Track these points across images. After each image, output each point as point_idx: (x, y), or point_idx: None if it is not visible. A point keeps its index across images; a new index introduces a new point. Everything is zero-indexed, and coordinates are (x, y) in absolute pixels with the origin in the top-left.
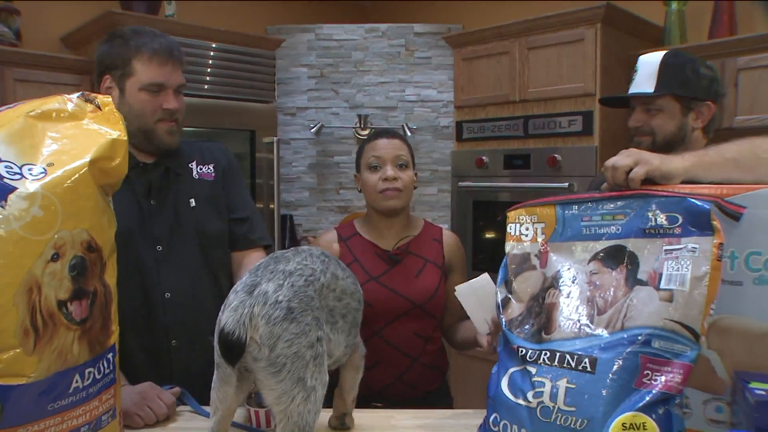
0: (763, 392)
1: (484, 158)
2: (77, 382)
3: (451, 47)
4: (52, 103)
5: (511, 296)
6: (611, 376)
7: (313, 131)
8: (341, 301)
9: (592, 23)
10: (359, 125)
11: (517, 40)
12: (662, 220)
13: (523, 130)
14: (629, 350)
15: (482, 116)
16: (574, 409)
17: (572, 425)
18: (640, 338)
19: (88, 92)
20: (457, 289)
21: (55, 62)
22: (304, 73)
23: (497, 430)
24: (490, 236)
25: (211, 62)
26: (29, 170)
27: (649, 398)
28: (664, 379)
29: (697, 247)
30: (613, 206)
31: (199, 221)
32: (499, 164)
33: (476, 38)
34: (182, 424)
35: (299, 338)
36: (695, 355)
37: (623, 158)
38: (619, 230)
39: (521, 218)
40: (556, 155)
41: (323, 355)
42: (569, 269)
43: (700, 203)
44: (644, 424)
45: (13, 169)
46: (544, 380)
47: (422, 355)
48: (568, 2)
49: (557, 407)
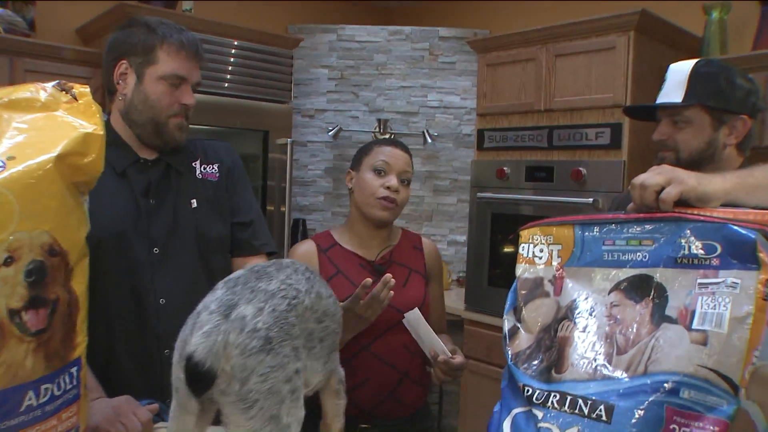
0: None
1: (505, 169)
2: (30, 399)
3: (475, 52)
4: (23, 91)
5: (519, 325)
6: (630, 428)
7: (330, 134)
8: (321, 323)
9: (624, 31)
10: (378, 130)
11: (544, 46)
12: (697, 248)
13: (547, 141)
14: (652, 399)
15: (505, 125)
16: None
17: None
18: (666, 386)
19: (64, 81)
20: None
21: (66, 54)
22: (324, 74)
23: None
24: (509, 251)
25: (226, 60)
26: None
27: None
28: None
29: (738, 282)
30: (640, 230)
31: (199, 223)
32: (520, 176)
33: (501, 43)
34: None
35: (275, 372)
36: (733, 410)
37: (654, 176)
38: (646, 258)
39: (535, 238)
40: (581, 168)
41: (300, 388)
42: (587, 299)
43: (743, 231)
44: None
45: None
46: (551, 427)
47: (410, 369)
48: (599, 8)
49: None
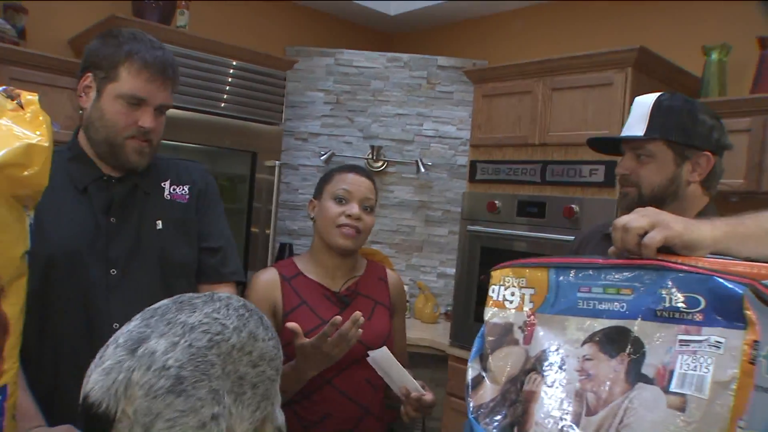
0: None
1: (496, 202)
2: None
3: (471, 82)
4: None
5: (485, 375)
6: None
7: (323, 158)
8: (256, 367)
9: (622, 67)
10: (372, 156)
11: (540, 79)
12: (679, 301)
13: (540, 175)
14: None
15: (498, 157)
16: None
17: None
18: None
19: (12, 88)
20: (369, 354)
21: (54, 64)
22: (320, 97)
23: None
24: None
25: (219, 78)
26: None
27: None
28: None
29: (722, 342)
30: (619, 277)
31: (164, 246)
32: (512, 210)
33: (498, 74)
34: None
35: (185, 417)
36: None
37: (638, 218)
38: (623, 308)
39: (507, 280)
40: (573, 206)
41: None
42: (558, 350)
43: (730, 285)
44: None
45: None
46: None
47: (372, 405)
48: (599, 43)
49: None
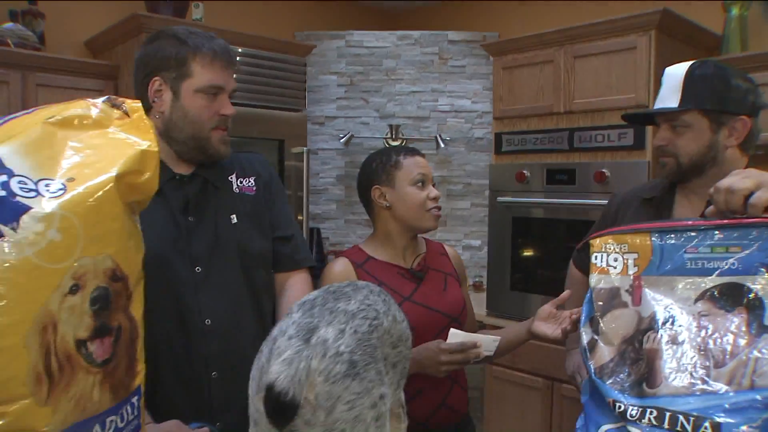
0: None
1: (525, 172)
2: None
3: (490, 55)
4: (74, 108)
5: (598, 338)
6: None
7: (342, 141)
8: (395, 348)
9: (645, 30)
10: (390, 136)
11: (561, 48)
12: None
13: (567, 143)
14: (766, 417)
15: (523, 128)
16: None
17: None
18: None
19: (115, 96)
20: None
21: (77, 67)
22: (333, 80)
23: None
24: (528, 254)
25: (240, 69)
26: (46, 186)
27: None
28: None
29: None
30: (724, 236)
31: (241, 239)
32: (541, 179)
33: (517, 46)
34: None
35: (361, 398)
36: None
37: (742, 179)
38: (734, 265)
39: (608, 246)
40: (604, 170)
41: (385, 415)
42: (670, 309)
43: None
44: None
45: (27, 185)
46: None
47: (458, 374)
48: (609, 10)
49: None
